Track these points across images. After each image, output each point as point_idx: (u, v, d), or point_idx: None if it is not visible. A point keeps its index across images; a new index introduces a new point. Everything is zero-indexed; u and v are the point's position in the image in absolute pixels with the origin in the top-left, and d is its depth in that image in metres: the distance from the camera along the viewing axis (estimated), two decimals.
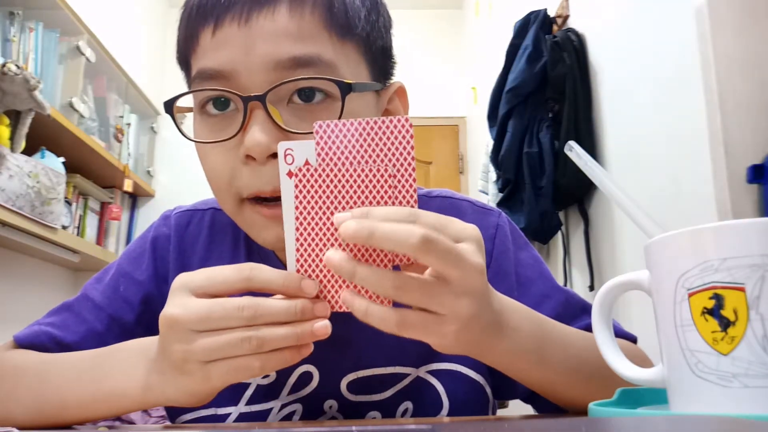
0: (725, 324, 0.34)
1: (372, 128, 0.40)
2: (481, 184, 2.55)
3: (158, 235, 0.64)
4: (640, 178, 1.45)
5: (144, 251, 0.63)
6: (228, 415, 0.58)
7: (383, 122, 0.40)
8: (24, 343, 0.57)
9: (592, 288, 1.73)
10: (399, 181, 0.40)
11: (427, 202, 0.64)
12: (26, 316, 0.62)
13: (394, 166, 0.40)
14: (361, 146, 0.40)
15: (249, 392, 0.58)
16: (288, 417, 0.58)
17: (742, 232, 0.35)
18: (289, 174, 0.41)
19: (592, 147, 1.70)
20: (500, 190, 2.07)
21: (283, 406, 0.58)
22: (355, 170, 0.40)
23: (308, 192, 0.41)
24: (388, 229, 0.37)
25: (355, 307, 0.39)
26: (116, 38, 2.79)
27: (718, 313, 0.35)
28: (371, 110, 0.55)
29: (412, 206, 0.40)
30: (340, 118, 0.49)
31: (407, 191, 0.40)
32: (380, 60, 0.57)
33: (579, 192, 1.77)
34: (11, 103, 1.78)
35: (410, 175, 0.40)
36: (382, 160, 0.40)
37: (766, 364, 0.33)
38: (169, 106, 0.52)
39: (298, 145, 0.41)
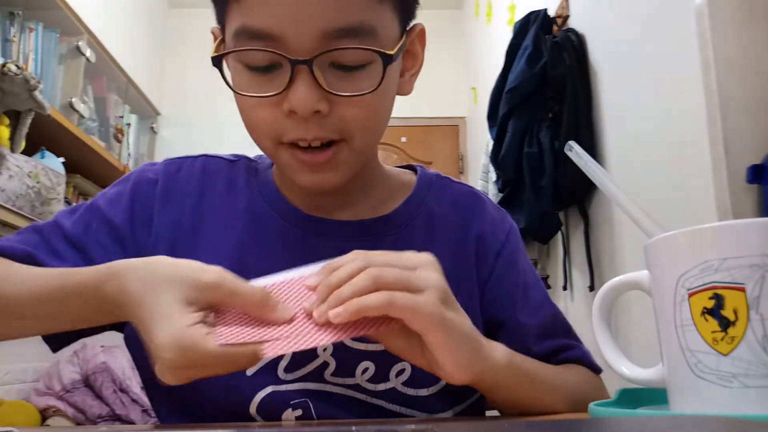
0: (725, 324, 0.35)
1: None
2: (480, 184, 2.54)
3: (142, 179, 0.63)
4: (640, 178, 1.45)
5: (123, 193, 0.62)
6: None
7: None
8: None
9: (592, 288, 1.73)
10: None
11: (449, 184, 0.68)
12: None
13: None
14: None
15: None
16: (275, 360, 0.55)
17: (742, 232, 0.35)
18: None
19: (592, 147, 1.70)
20: (500, 191, 2.06)
21: None
22: None
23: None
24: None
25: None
26: (116, 38, 2.79)
27: (718, 313, 0.35)
28: (398, 56, 0.57)
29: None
30: (380, 84, 0.52)
31: None
32: (409, 6, 0.59)
33: (579, 192, 1.77)
34: (11, 103, 1.78)
35: None
36: None
37: (766, 364, 0.33)
38: (219, 61, 0.54)
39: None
